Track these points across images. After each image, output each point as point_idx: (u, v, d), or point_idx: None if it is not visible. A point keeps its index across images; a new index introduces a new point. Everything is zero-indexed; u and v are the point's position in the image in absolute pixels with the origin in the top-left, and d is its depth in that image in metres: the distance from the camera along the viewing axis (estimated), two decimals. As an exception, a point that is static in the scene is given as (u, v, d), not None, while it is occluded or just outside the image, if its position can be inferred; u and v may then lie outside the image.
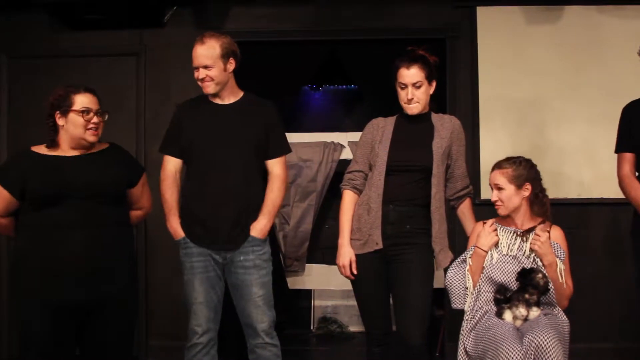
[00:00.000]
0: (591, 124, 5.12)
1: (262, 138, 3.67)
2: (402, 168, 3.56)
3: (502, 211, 3.58)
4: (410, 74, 3.55)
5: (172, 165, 3.70)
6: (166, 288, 5.19)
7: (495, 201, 3.58)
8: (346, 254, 3.59)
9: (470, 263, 3.56)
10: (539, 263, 3.49)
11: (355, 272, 3.57)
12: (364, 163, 3.68)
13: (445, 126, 3.66)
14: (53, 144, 3.29)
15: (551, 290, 3.41)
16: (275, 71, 5.44)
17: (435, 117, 3.69)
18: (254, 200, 3.66)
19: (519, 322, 3.35)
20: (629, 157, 3.79)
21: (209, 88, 3.60)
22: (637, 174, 3.81)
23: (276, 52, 5.49)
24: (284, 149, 3.79)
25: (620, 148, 3.85)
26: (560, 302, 3.50)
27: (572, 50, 5.19)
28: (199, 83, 3.61)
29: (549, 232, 3.54)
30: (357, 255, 3.58)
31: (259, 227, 3.63)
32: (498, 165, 3.61)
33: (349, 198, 3.68)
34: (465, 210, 3.80)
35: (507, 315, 3.37)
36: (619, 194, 3.95)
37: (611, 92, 4.98)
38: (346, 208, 3.67)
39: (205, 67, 3.55)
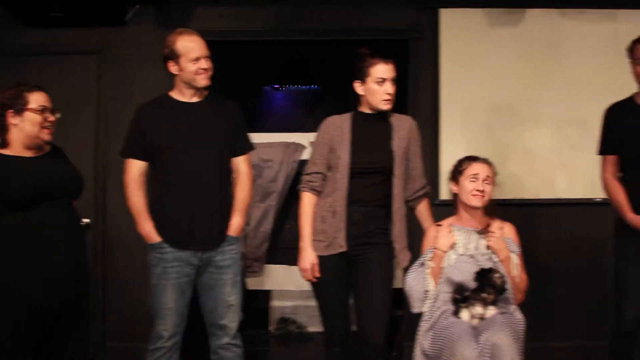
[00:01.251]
0: (553, 126, 5.20)
1: (230, 136, 3.67)
2: (365, 170, 3.57)
3: (481, 203, 3.62)
4: (389, 69, 3.57)
5: (136, 168, 3.62)
6: (125, 290, 5.15)
7: (482, 192, 3.61)
8: (308, 257, 3.58)
9: (432, 265, 3.59)
10: (495, 259, 3.55)
11: (317, 275, 3.58)
12: (322, 164, 3.66)
13: (404, 126, 3.69)
14: (4, 143, 3.23)
15: (508, 289, 3.48)
16: (238, 71, 5.43)
17: (393, 117, 3.70)
18: (228, 199, 3.67)
19: (475, 321, 3.39)
20: (611, 159, 3.87)
21: (207, 80, 3.60)
22: (620, 174, 3.88)
23: (239, 52, 5.48)
24: (249, 146, 3.80)
25: (602, 150, 3.92)
26: (516, 296, 3.57)
27: (533, 53, 5.25)
28: (197, 75, 3.55)
29: (502, 228, 3.62)
30: (319, 257, 3.58)
31: (235, 226, 3.64)
32: (483, 160, 3.67)
33: (308, 200, 3.67)
34: (423, 210, 3.83)
35: (464, 314, 3.42)
36: (583, 195, 4.03)
37: (572, 95, 5.08)
38: (306, 211, 3.66)
39: (207, 57, 3.56)
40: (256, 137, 5.61)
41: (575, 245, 5.11)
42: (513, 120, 5.24)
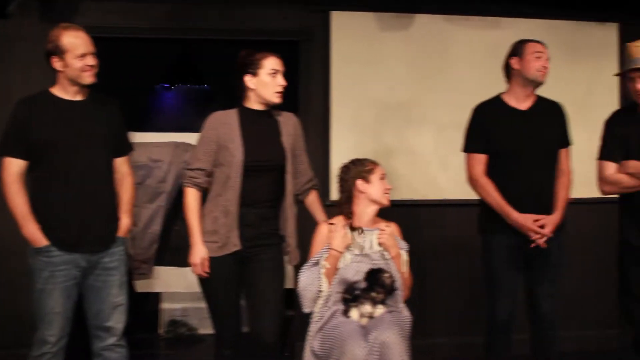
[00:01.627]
0: (440, 129, 5.34)
1: (113, 136, 3.61)
2: (259, 167, 3.56)
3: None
4: (281, 63, 3.60)
5: (17, 167, 3.44)
6: (6, 294, 4.96)
7: (390, 189, 3.70)
8: (198, 252, 3.54)
9: (327, 266, 3.59)
10: (387, 257, 3.62)
11: (207, 270, 3.54)
12: (206, 161, 3.60)
13: (289, 122, 3.71)
14: None
15: (397, 289, 3.54)
16: (126, 69, 5.31)
17: (276, 114, 3.71)
18: (115, 200, 3.62)
19: (364, 320, 3.44)
20: (481, 158, 3.91)
21: (93, 77, 3.49)
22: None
23: (128, 49, 5.36)
24: (130, 147, 3.78)
25: (471, 148, 3.96)
26: (403, 292, 3.64)
27: (421, 57, 5.40)
28: (83, 73, 3.44)
29: (389, 227, 3.70)
30: (213, 258, 3.54)
31: (124, 227, 3.61)
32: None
33: (192, 196, 3.61)
34: (313, 201, 3.88)
35: (354, 313, 3.46)
36: (466, 196, 4.13)
37: (457, 99, 5.20)
38: (192, 206, 3.60)
39: (93, 54, 3.46)
40: (146, 137, 5.57)
41: (459, 244, 5.28)
42: (401, 122, 5.37)
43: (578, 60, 5.53)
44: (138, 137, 5.35)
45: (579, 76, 5.54)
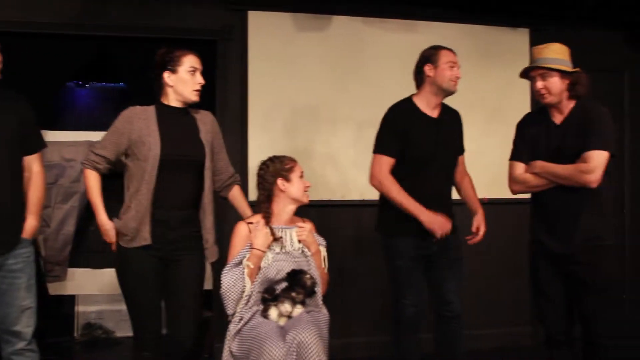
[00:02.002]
0: (356, 129, 5.40)
1: (21, 133, 3.52)
2: (177, 163, 3.53)
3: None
4: (199, 61, 3.60)
5: None
6: None
7: (309, 187, 3.73)
8: (109, 231, 3.54)
9: (251, 266, 3.55)
10: (307, 253, 3.64)
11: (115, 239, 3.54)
12: (112, 151, 3.56)
13: (206, 120, 3.72)
14: None
15: (317, 291, 3.57)
16: (39, 66, 5.17)
17: (193, 112, 3.71)
18: (21, 200, 3.52)
19: (283, 320, 3.45)
20: (390, 160, 3.93)
21: None
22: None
23: (41, 46, 5.20)
24: (42, 144, 3.69)
25: (384, 151, 3.96)
26: (322, 287, 3.66)
27: (338, 58, 5.46)
28: None
29: (306, 224, 3.73)
30: (131, 250, 3.49)
31: (29, 228, 3.52)
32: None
33: (93, 177, 3.57)
34: (237, 195, 3.90)
35: (273, 312, 3.46)
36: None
37: (373, 100, 5.23)
38: (94, 186, 3.56)
39: None
40: (59, 136, 5.43)
41: (377, 245, 5.33)
42: (320, 122, 5.41)
43: (491, 65, 5.69)
44: (51, 136, 5.21)
45: (492, 80, 5.69)
